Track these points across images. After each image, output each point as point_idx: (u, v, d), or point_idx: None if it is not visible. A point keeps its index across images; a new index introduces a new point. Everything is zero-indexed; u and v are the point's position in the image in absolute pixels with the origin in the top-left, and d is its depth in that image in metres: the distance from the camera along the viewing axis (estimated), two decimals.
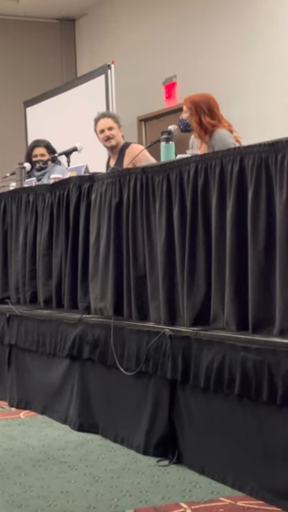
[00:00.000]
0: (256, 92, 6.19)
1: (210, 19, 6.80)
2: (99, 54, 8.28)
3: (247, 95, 6.26)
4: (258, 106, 6.10)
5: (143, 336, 3.23)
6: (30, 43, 8.77)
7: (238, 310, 2.76)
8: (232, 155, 2.82)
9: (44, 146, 5.39)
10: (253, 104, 6.17)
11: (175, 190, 3.10)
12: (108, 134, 4.77)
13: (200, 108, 3.87)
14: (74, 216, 3.86)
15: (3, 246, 4.62)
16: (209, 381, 2.83)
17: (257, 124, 5.97)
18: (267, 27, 6.15)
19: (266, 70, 6.14)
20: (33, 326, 4.17)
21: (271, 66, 6.09)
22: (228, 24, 6.58)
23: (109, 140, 4.79)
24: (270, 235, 2.64)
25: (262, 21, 6.22)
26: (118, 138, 4.83)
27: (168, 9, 7.37)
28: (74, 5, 8.53)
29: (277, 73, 6.01)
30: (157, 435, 3.16)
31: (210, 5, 6.80)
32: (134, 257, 3.36)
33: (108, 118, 4.81)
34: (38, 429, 3.76)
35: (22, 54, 8.71)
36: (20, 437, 3.60)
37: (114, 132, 4.79)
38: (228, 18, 6.58)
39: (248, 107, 6.18)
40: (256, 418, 2.65)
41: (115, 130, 4.79)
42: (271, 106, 6.03)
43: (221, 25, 6.67)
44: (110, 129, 4.78)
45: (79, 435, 3.60)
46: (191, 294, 2.99)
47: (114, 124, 4.80)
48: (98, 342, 3.56)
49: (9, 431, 3.72)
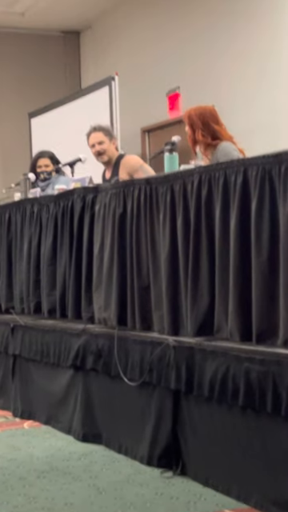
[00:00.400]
0: (260, 103, 6.21)
1: (213, 31, 6.84)
2: (103, 66, 8.33)
3: (251, 106, 6.28)
4: (262, 117, 6.12)
5: (147, 346, 3.23)
6: (34, 55, 8.82)
7: (242, 320, 2.76)
8: (236, 166, 2.83)
9: (48, 157, 5.41)
10: (257, 115, 6.18)
11: (179, 201, 3.11)
12: (98, 149, 4.67)
13: (194, 124, 3.83)
14: (78, 227, 3.87)
15: (8, 257, 4.63)
16: (213, 391, 2.83)
17: (261, 135, 5.98)
18: (271, 38, 6.18)
19: (270, 81, 6.16)
20: (37, 336, 4.17)
21: (275, 77, 6.11)
22: (231, 35, 6.61)
23: (100, 156, 4.69)
24: (273, 246, 2.64)
25: (266, 32, 6.25)
26: (110, 152, 4.70)
27: (171, 21, 7.41)
28: (79, 18, 8.59)
29: (281, 84, 6.03)
30: (161, 446, 3.16)
31: (214, 16, 6.84)
32: (137, 267, 3.37)
33: (98, 132, 4.68)
34: (42, 439, 3.76)
35: (27, 66, 8.77)
36: (24, 447, 3.60)
37: (104, 146, 4.66)
38: (231, 29, 6.62)
39: (252, 118, 6.20)
40: (260, 429, 2.65)
41: (106, 144, 4.67)
42: (276, 117, 6.05)
43: (224, 36, 6.70)
44: (100, 143, 4.66)
45: (83, 446, 3.59)
46: (195, 304, 3.00)
47: (105, 137, 4.67)
48: (101, 352, 3.56)
49: (13, 441, 3.71)
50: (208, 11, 6.92)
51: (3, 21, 8.49)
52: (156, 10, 7.64)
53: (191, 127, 3.85)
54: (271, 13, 6.21)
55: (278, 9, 6.14)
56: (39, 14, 8.26)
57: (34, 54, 8.83)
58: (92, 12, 8.39)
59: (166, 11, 7.49)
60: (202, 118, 3.83)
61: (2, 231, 4.70)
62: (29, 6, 8.16)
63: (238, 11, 6.56)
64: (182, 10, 7.27)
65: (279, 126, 5.94)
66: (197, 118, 3.83)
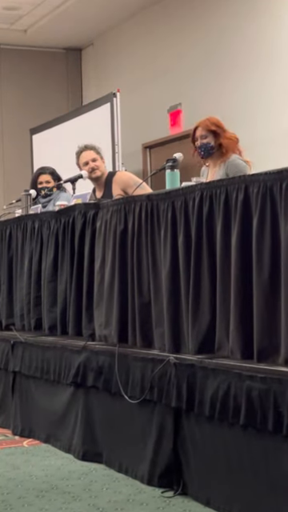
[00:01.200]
0: (260, 119, 6.23)
1: (214, 47, 6.87)
2: (105, 83, 8.37)
3: (252, 122, 6.29)
4: (263, 133, 6.14)
5: (148, 363, 3.22)
6: (37, 72, 8.87)
7: (243, 338, 2.74)
8: (237, 183, 2.83)
9: (49, 173, 5.42)
10: (257, 131, 6.20)
11: (180, 218, 3.10)
12: (93, 166, 4.72)
13: (220, 127, 3.96)
14: (79, 243, 3.86)
15: (8, 273, 4.62)
16: (214, 410, 2.81)
17: (261, 151, 5.99)
18: (271, 53, 6.21)
19: (271, 97, 6.18)
20: (37, 352, 4.15)
21: (276, 94, 6.13)
22: (232, 52, 6.65)
23: (94, 171, 4.74)
24: (274, 263, 2.63)
25: (266, 47, 6.28)
26: (103, 169, 4.78)
27: (172, 37, 7.46)
28: (81, 35, 8.64)
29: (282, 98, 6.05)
30: (161, 465, 3.13)
31: (214, 33, 6.88)
32: (138, 284, 3.36)
33: (91, 150, 4.78)
34: (42, 458, 3.72)
35: (29, 83, 8.81)
36: (23, 466, 3.56)
37: (97, 163, 4.75)
38: (232, 45, 6.65)
39: (252, 134, 6.21)
40: (262, 448, 2.62)
41: (99, 162, 4.76)
42: (276, 134, 6.06)
43: (225, 53, 6.74)
44: (93, 160, 4.74)
45: (83, 464, 3.56)
46: (196, 321, 2.98)
47: (97, 155, 4.76)
48: (102, 369, 3.54)
49: (12, 460, 3.68)
50: (208, 28, 6.96)
51: (6, 38, 8.55)
52: (156, 27, 7.69)
53: (216, 131, 3.91)
54: (271, 27, 6.25)
55: (277, 23, 6.17)
56: (41, 31, 8.32)
57: (36, 71, 8.88)
58: (94, 29, 8.44)
59: (166, 29, 7.53)
60: (221, 124, 3.97)
61: (2, 247, 4.69)
62: (31, 24, 8.22)
63: (237, 27, 6.59)
64: (183, 27, 7.32)
65: (280, 141, 5.95)
66: (219, 124, 3.96)
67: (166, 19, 7.53)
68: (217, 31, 6.85)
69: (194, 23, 7.15)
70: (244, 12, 6.51)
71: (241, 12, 6.55)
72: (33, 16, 7.98)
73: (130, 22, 8.07)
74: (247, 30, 6.47)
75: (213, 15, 6.91)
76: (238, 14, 6.60)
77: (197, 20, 7.12)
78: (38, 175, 5.48)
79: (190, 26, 7.21)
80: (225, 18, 6.75)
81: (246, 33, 6.48)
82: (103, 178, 4.79)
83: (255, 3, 6.40)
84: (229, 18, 6.70)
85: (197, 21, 7.12)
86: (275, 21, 6.20)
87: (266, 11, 6.29)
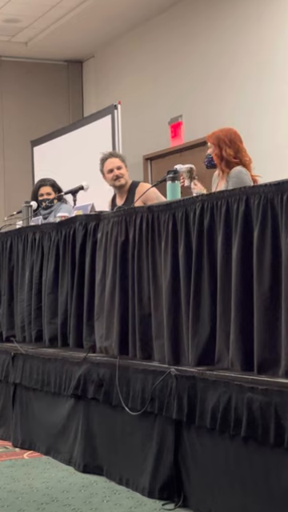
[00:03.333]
0: (261, 131, 6.25)
1: (215, 60, 6.91)
2: (106, 95, 8.40)
3: (252, 134, 6.31)
4: (264, 146, 6.15)
5: (148, 375, 3.21)
6: (38, 84, 8.91)
7: (243, 349, 2.74)
8: (238, 195, 2.83)
9: (50, 185, 5.44)
10: (258, 143, 6.21)
11: (181, 229, 3.11)
12: (117, 173, 4.83)
13: (222, 141, 3.94)
14: (79, 254, 3.86)
15: (9, 284, 4.62)
16: (215, 422, 2.80)
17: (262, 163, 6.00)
18: (272, 67, 6.24)
19: (272, 109, 6.20)
20: (38, 364, 4.14)
21: (278, 104, 6.15)
22: (233, 64, 6.68)
23: (118, 179, 4.83)
24: (275, 275, 2.63)
25: (266, 61, 6.31)
26: (127, 177, 4.89)
27: (173, 50, 7.49)
28: (82, 47, 8.69)
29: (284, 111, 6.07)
30: (162, 477, 3.11)
31: (215, 45, 6.91)
32: (139, 295, 3.35)
33: (116, 158, 4.87)
34: (42, 470, 3.71)
35: (30, 95, 8.85)
36: (23, 478, 3.55)
37: (122, 171, 4.85)
38: (234, 58, 6.68)
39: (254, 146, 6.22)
40: (263, 460, 2.61)
41: (123, 170, 4.85)
42: (277, 145, 6.08)
43: (226, 65, 6.77)
44: (118, 168, 4.84)
45: (83, 477, 3.55)
46: (196, 333, 2.98)
47: (122, 163, 4.86)
48: (102, 381, 3.53)
49: (12, 472, 3.66)
50: (209, 40, 7.00)
51: (7, 50, 8.60)
52: (157, 39, 7.73)
53: (218, 145, 3.92)
54: (273, 41, 6.28)
55: (279, 37, 6.20)
56: (42, 43, 8.36)
57: (37, 83, 8.91)
58: (95, 41, 8.49)
59: (167, 41, 7.57)
60: (228, 136, 3.94)
61: (3, 259, 4.69)
62: (32, 36, 8.27)
63: (239, 40, 6.62)
64: (184, 39, 7.36)
65: (282, 154, 5.96)
66: (224, 136, 3.94)
67: (167, 32, 7.57)
68: (218, 44, 6.89)
69: (195, 36, 7.19)
70: (246, 25, 6.55)
71: (242, 25, 6.59)
72: (34, 28, 8.02)
73: (131, 34, 8.12)
74: (249, 43, 6.50)
75: (214, 28, 6.95)
76: (239, 27, 6.63)
77: (198, 32, 7.16)
78: (38, 187, 5.50)
79: (191, 39, 7.25)
80: (226, 30, 6.79)
81: (247, 45, 6.52)
82: (126, 187, 4.87)
83: (257, 17, 6.44)
84: (230, 31, 6.74)
85: (198, 33, 7.16)
86: (277, 35, 6.23)
87: (267, 26, 6.33)
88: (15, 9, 7.43)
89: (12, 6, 7.36)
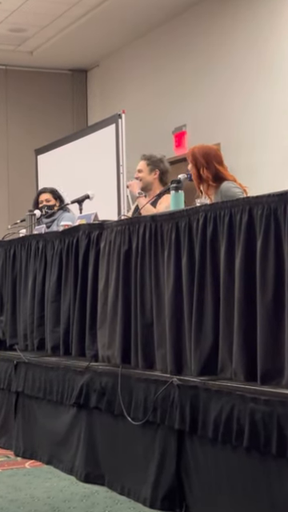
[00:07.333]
0: (265, 141, 6.26)
1: (218, 69, 6.93)
2: (110, 104, 8.43)
3: (256, 144, 6.32)
4: (268, 155, 6.16)
5: (151, 385, 3.20)
6: (42, 93, 8.95)
7: (247, 360, 2.73)
8: (241, 205, 2.83)
9: (49, 192, 5.51)
10: (262, 153, 6.22)
11: (184, 239, 3.11)
12: (135, 176, 4.96)
13: (199, 162, 3.86)
14: (82, 263, 3.86)
15: (12, 293, 4.62)
16: (217, 432, 2.79)
17: (266, 173, 6.01)
18: (276, 74, 6.25)
19: (276, 119, 6.21)
20: (40, 373, 4.14)
21: (282, 113, 6.16)
22: (237, 74, 6.70)
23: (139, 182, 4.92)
24: (278, 285, 2.63)
25: (270, 68, 6.33)
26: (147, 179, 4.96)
27: (177, 59, 7.52)
28: (87, 56, 8.73)
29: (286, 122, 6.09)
30: (164, 487, 3.10)
31: (219, 55, 6.93)
32: (141, 305, 3.35)
33: (142, 161, 5.01)
34: (44, 479, 3.70)
35: (34, 104, 8.89)
36: (25, 488, 3.54)
37: (140, 175, 4.94)
38: (237, 67, 6.70)
39: (257, 156, 6.24)
40: (265, 471, 2.60)
41: (143, 173, 4.95)
42: (281, 155, 6.08)
43: (230, 74, 6.79)
44: (139, 171, 4.95)
45: (85, 486, 3.54)
46: (199, 343, 2.97)
47: (146, 167, 4.97)
48: (105, 390, 3.53)
49: (14, 482, 3.66)
50: (213, 50, 7.02)
51: (12, 59, 8.64)
52: (162, 49, 7.76)
53: (195, 165, 3.87)
54: (274, 47, 6.29)
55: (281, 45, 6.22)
56: (47, 52, 8.41)
57: (42, 92, 8.95)
58: (99, 51, 8.53)
59: (171, 50, 7.60)
60: (205, 157, 3.85)
61: (6, 267, 4.70)
62: (37, 45, 8.31)
63: (242, 50, 6.65)
64: (188, 49, 7.38)
65: (285, 163, 5.97)
66: (201, 157, 3.85)
67: (172, 41, 7.60)
68: (221, 53, 6.91)
69: (199, 45, 7.22)
70: (249, 35, 6.57)
71: (246, 35, 6.61)
72: (39, 38, 8.07)
73: (136, 43, 8.15)
74: (252, 53, 6.52)
75: (217, 37, 6.97)
76: (242, 37, 6.66)
77: (202, 42, 7.18)
78: (38, 195, 5.57)
79: (195, 48, 7.27)
80: (229, 40, 6.81)
81: (251, 55, 6.53)
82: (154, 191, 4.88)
83: (259, 26, 6.46)
84: (233, 40, 6.76)
85: (202, 43, 7.18)
86: (279, 45, 6.25)
87: (270, 36, 6.35)
88: (21, 18, 7.47)
89: (18, 16, 7.41)
